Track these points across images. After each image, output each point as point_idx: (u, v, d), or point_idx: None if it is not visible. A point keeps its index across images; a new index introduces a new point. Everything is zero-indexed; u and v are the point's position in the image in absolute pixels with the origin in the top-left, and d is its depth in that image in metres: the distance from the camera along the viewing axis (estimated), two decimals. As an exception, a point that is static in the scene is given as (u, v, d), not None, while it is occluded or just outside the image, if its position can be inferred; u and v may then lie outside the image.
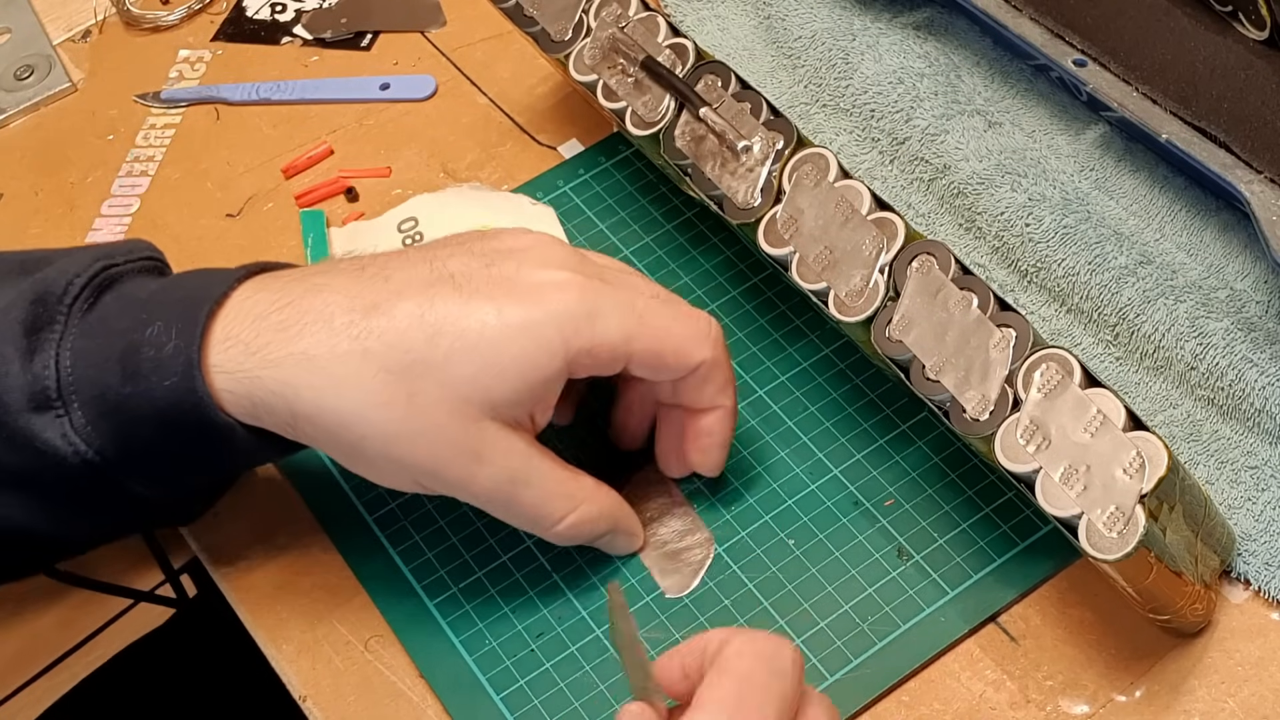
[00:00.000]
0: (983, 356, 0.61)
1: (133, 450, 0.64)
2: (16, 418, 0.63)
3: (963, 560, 0.67)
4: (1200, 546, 0.62)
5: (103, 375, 0.63)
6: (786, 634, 0.66)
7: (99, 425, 0.64)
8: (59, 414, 0.63)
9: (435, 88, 0.90)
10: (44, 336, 0.64)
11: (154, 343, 0.63)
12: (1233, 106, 0.73)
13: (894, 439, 0.71)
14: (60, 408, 0.63)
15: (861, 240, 0.64)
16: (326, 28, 0.94)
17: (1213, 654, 0.64)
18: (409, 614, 0.69)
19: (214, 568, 0.72)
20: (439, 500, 0.72)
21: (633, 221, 0.81)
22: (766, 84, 0.84)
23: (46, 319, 0.65)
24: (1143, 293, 0.71)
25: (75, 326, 0.65)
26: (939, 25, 0.85)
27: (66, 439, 0.63)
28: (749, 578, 0.68)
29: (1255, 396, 0.68)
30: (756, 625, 0.66)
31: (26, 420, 0.63)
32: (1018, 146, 0.78)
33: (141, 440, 0.64)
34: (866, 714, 0.64)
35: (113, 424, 0.64)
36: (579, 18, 0.75)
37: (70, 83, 0.94)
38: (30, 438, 0.64)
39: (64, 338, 0.64)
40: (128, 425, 0.64)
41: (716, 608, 0.67)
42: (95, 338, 0.64)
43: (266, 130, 0.90)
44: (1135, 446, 0.57)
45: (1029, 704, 0.64)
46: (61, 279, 0.65)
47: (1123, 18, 0.77)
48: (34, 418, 0.63)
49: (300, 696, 0.68)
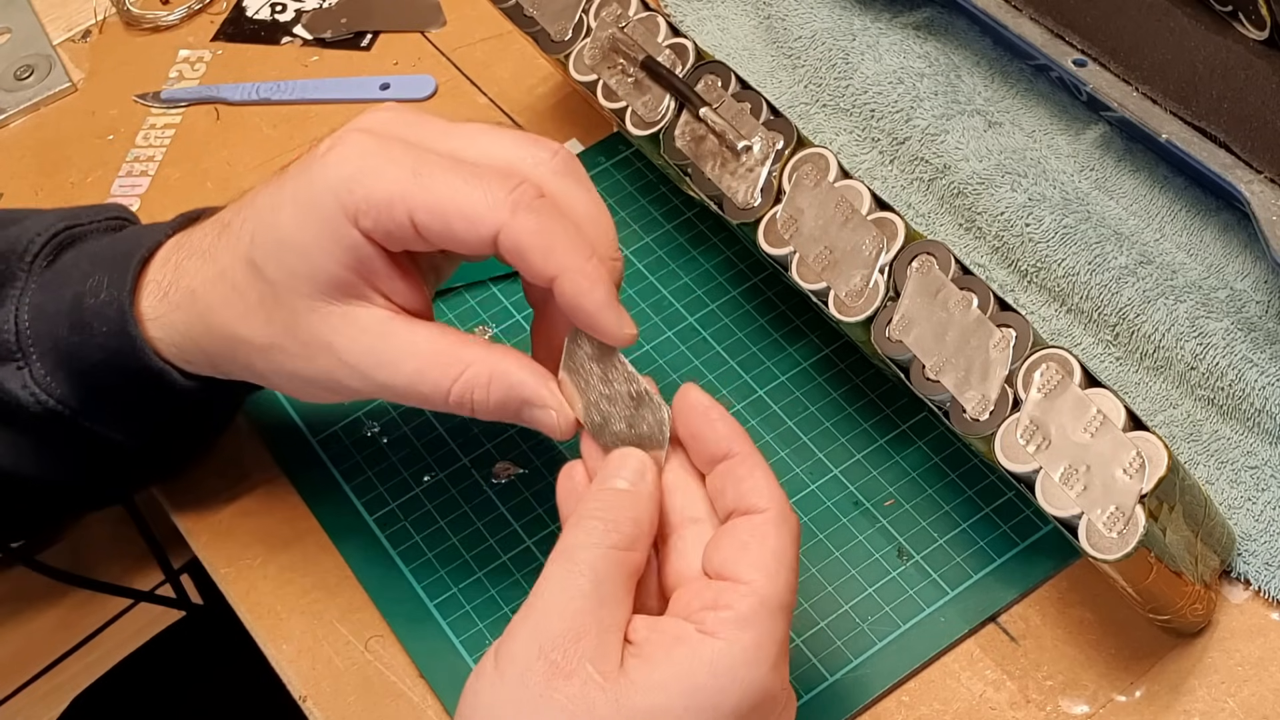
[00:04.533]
0: (983, 356, 0.61)
1: (90, 398, 0.67)
2: None
3: (963, 560, 0.67)
4: (1200, 546, 0.62)
5: (55, 327, 0.66)
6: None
7: (56, 375, 0.66)
8: (19, 365, 0.66)
9: (435, 88, 0.90)
10: (6, 292, 0.67)
11: (94, 292, 0.66)
12: (1233, 106, 0.73)
13: (894, 439, 0.71)
14: (20, 359, 0.66)
15: (861, 240, 0.64)
16: (326, 28, 0.94)
17: (1213, 654, 0.64)
18: (409, 614, 0.69)
19: (214, 568, 0.72)
20: (439, 500, 0.72)
21: (633, 221, 0.81)
22: (766, 84, 0.84)
23: (8, 275, 0.67)
24: (1143, 293, 0.71)
25: (35, 281, 0.67)
26: (939, 25, 0.85)
27: (28, 389, 0.66)
28: (749, 578, 0.68)
29: (1255, 396, 0.68)
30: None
31: None
32: (1018, 146, 0.78)
33: (95, 388, 0.66)
34: (866, 714, 0.64)
35: (68, 373, 0.66)
36: (579, 18, 0.75)
37: (70, 83, 0.94)
38: None
39: (24, 293, 0.67)
40: (80, 375, 0.66)
41: (716, 608, 0.67)
42: (50, 291, 0.67)
43: (266, 130, 0.90)
44: (1135, 446, 0.57)
45: (1029, 704, 0.64)
46: (24, 237, 0.68)
47: (1123, 18, 0.77)
48: None
49: (300, 696, 0.68)
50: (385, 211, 0.59)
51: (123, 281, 0.65)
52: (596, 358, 0.61)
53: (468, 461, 0.73)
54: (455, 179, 0.59)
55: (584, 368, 0.61)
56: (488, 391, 0.61)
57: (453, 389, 0.61)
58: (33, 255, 0.68)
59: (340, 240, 0.60)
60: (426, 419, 0.75)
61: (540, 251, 0.59)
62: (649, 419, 0.60)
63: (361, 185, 0.59)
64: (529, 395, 0.61)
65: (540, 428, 0.62)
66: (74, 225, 0.69)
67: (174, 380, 0.66)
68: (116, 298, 0.65)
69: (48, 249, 0.68)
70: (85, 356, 0.66)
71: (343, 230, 0.60)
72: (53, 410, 0.66)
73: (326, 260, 0.60)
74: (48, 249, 0.68)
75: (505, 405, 0.61)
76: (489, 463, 0.73)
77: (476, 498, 0.72)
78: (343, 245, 0.60)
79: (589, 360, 0.61)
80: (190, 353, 0.65)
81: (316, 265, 0.60)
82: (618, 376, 0.61)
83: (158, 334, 0.65)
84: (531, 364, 0.62)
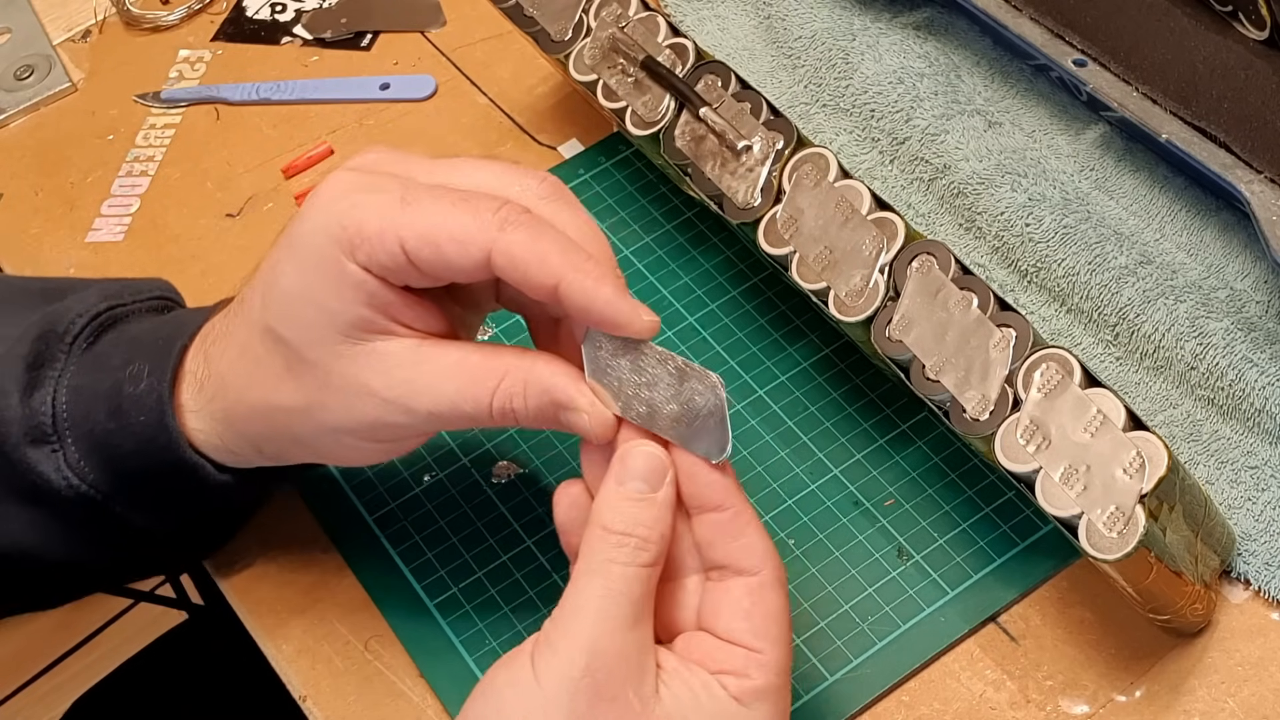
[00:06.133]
0: (983, 356, 0.61)
1: (122, 485, 0.65)
2: (15, 449, 0.65)
3: (963, 560, 0.67)
4: (1200, 546, 0.62)
5: (93, 411, 0.65)
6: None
7: (90, 460, 0.65)
8: (54, 449, 0.65)
9: (435, 88, 0.90)
10: (44, 373, 0.66)
11: (134, 380, 0.64)
12: (1233, 106, 0.73)
13: (894, 439, 0.71)
14: (55, 443, 0.65)
15: (861, 240, 0.64)
16: (326, 28, 0.94)
17: (1213, 654, 0.64)
18: (409, 614, 0.69)
19: (214, 568, 0.72)
20: (439, 500, 0.72)
21: (633, 221, 0.81)
22: (766, 84, 0.84)
23: (49, 356, 0.66)
24: (1143, 293, 0.71)
25: (74, 364, 0.66)
26: (939, 25, 0.85)
27: (60, 473, 0.65)
28: (749, 578, 0.68)
29: (1255, 396, 0.68)
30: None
31: (24, 453, 0.65)
32: (1018, 146, 0.78)
33: (128, 476, 0.65)
34: (866, 714, 0.64)
35: (101, 459, 0.65)
36: (579, 18, 0.75)
37: (70, 83, 0.94)
38: (28, 470, 0.65)
39: (63, 375, 0.65)
40: (114, 461, 0.65)
41: (716, 608, 0.67)
42: (90, 374, 0.65)
43: (266, 130, 0.90)
44: (1135, 446, 0.57)
45: (1029, 704, 0.64)
46: (67, 316, 0.67)
47: (1123, 18, 0.77)
48: (31, 451, 0.65)
49: (300, 696, 0.68)
50: (377, 243, 0.58)
51: (163, 371, 0.64)
52: (620, 353, 0.59)
53: (468, 461, 0.73)
54: (443, 203, 0.58)
55: (610, 368, 0.59)
56: (525, 399, 0.59)
57: (494, 401, 0.59)
58: (73, 336, 0.66)
59: (345, 279, 0.59)
60: (426, 419, 0.75)
61: (536, 261, 0.58)
62: (699, 390, 0.58)
63: (351, 219, 0.58)
64: (561, 398, 0.59)
65: (577, 432, 0.60)
66: (117, 305, 0.68)
67: (207, 475, 0.65)
68: (156, 388, 0.64)
69: (88, 330, 0.66)
70: (120, 444, 0.64)
71: (345, 268, 0.59)
72: (84, 495, 0.65)
73: (337, 302, 0.59)
74: (88, 330, 0.66)
75: (543, 411, 0.60)
76: (489, 463, 0.73)
77: (476, 498, 0.72)
78: (349, 283, 0.59)
79: (612, 358, 0.59)
80: (231, 440, 0.64)
81: (331, 311, 0.59)
82: (649, 364, 0.59)
83: (196, 425, 0.64)
84: (564, 365, 0.60)
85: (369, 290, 0.59)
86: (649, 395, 0.59)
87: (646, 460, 0.58)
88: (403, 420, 0.60)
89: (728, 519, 0.58)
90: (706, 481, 0.58)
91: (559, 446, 0.73)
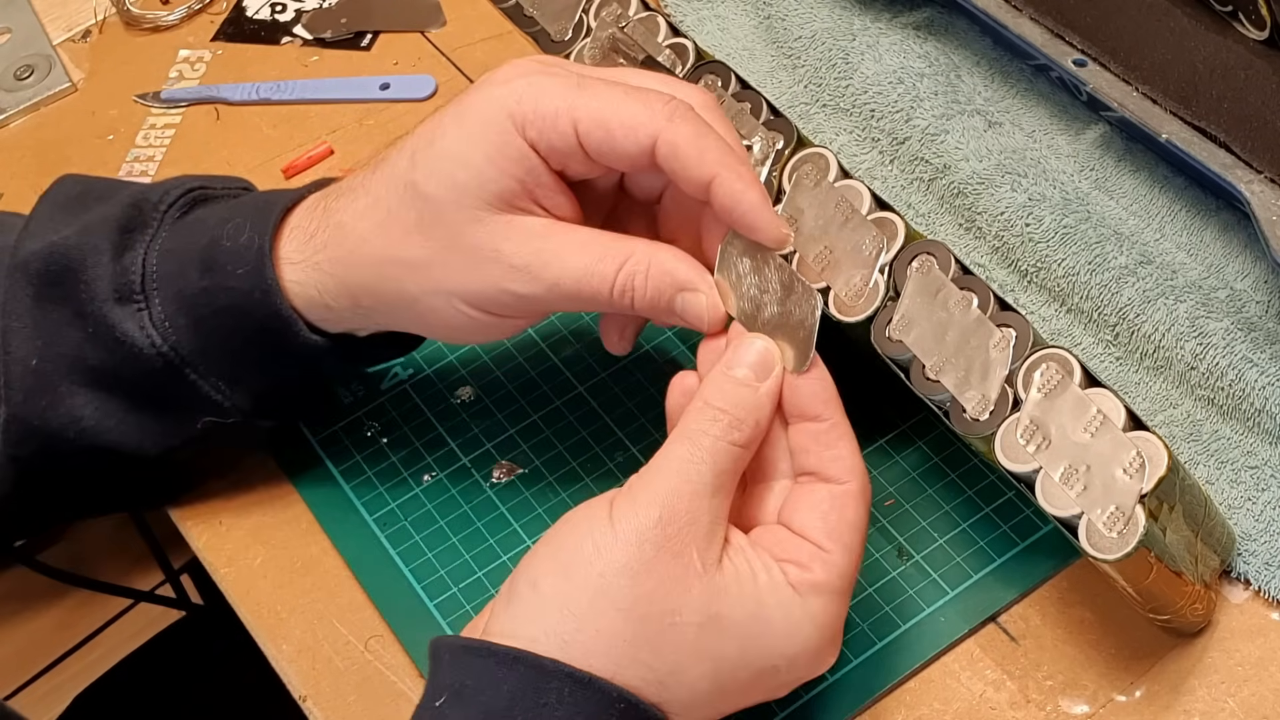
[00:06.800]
0: (983, 356, 0.61)
1: (206, 346, 0.67)
2: (100, 306, 0.67)
3: (963, 560, 0.67)
4: (1200, 546, 0.62)
5: (184, 270, 0.67)
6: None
7: (175, 320, 0.67)
8: (140, 307, 0.67)
9: (435, 88, 0.90)
10: (136, 236, 0.68)
11: (232, 235, 0.66)
12: (1233, 106, 0.73)
13: (894, 439, 0.71)
14: (141, 301, 0.67)
15: (861, 240, 0.64)
16: (326, 28, 0.94)
17: (1213, 654, 0.64)
18: (409, 614, 0.69)
19: (214, 568, 0.72)
20: (439, 500, 0.72)
21: (633, 221, 0.81)
22: (766, 84, 0.84)
23: (140, 221, 0.68)
24: (1143, 293, 0.71)
25: (166, 229, 0.68)
26: (939, 25, 0.85)
27: (144, 331, 0.67)
28: (749, 578, 0.68)
29: (1255, 396, 0.68)
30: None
31: (109, 310, 0.67)
32: (1018, 146, 0.78)
33: (215, 334, 0.67)
34: (866, 714, 0.64)
35: (189, 319, 0.67)
36: (579, 18, 0.75)
37: (70, 83, 0.94)
38: (110, 328, 0.67)
39: (154, 239, 0.68)
40: (203, 319, 0.67)
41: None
42: (183, 238, 0.68)
43: (266, 130, 0.90)
44: (1135, 446, 0.57)
45: (1029, 704, 0.64)
46: (159, 190, 0.69)
47: (1122, 18, 0.77)
48: (116, 308, 0.67)
49: (300, 696, 0.68)
50: (550, 122, 0.62)
51: (265, 224, 0.66)
52: (748, 252, 0.63)
53: (468, 461, 0.73)
54: (616, 91, 0.62)
55: (736, 267, 0.64)
56: (646, 279, 0.63)
57: (618, 278, 0.63)
58: (167, 205, 0.68)
59: (508, 151, 0.62)
60: (426, 419, 0.75)
61: (696, 155, 0.61)
62: (801, 304, 0.62)
63: (530, 97, 0.62)
64: (683, 279, 0.63)
65: (690, 316, 0.63)
66: (208, 187, 0.70)
67: (298, 331, 0.66)
68: (257, 241, 0.66)
69: (181, 202, 0.69)
70: (211, 301, 0.66)
71: (512, 141, 0.62)
72: (164, 354, 0.66)
73: (494, 171, 0.62)
74: (181, 202, 0.69)
75: (660, 294, 0.63)
76: (489, 463, 0.73)
77: (476, 498, 0.72)
78: (511, 156, 0.62)
79: (739, 257, 0.64)
80: (331, 291, 0.65)
81: (485, 177, 0.62)
82: (770, 268, 0.63)
83: (294, 277, 0.66)
84: (686, 255, 0.64)
85: (528, 166, 0.62)
86: (758, 295, 0.63)
87: (759, 353, 0.62)
88: (524, 290, 0.63)
89: (824, 429, 0.61)
90: (810, 392, 0.61)
91: (559, 446, 0.73)
